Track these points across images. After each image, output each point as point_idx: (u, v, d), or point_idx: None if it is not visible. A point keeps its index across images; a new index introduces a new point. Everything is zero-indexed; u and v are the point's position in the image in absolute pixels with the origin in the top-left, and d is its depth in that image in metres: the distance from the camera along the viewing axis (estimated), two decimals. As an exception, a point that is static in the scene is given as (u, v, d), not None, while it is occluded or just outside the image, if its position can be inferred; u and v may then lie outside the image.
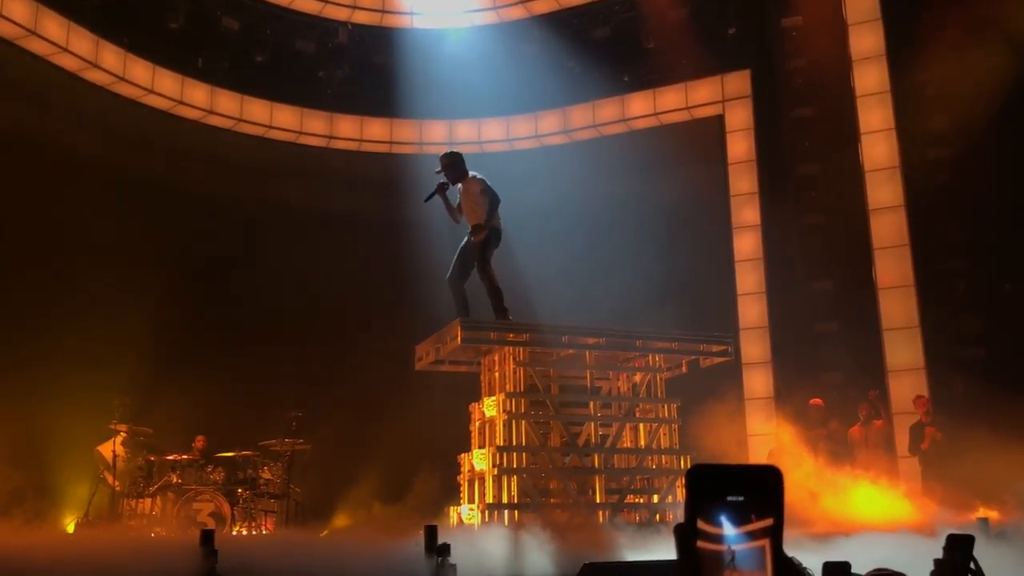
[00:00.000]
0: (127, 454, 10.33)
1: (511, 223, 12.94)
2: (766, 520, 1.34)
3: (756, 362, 12.78)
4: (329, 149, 15.04)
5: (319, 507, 11.31)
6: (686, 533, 1.33)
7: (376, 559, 5.32)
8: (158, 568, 4.88)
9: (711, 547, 1.32)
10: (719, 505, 1.34)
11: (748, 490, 1.34)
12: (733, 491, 1.34)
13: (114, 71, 12.85)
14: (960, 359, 11.32)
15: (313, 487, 11.30)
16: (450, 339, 7.72)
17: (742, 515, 1.34)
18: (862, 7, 12.56)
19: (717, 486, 1.34)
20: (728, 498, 1.34)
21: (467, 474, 7.97)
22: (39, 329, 10.98)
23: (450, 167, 8.15)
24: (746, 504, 1.34)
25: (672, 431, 7.99)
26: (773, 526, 1.33)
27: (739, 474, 1.35)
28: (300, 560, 5.76)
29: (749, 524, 1.33)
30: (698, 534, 1.33)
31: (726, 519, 1.34)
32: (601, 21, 14.50)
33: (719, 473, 1.35)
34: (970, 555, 2.58)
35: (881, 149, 12.22)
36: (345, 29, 14.76)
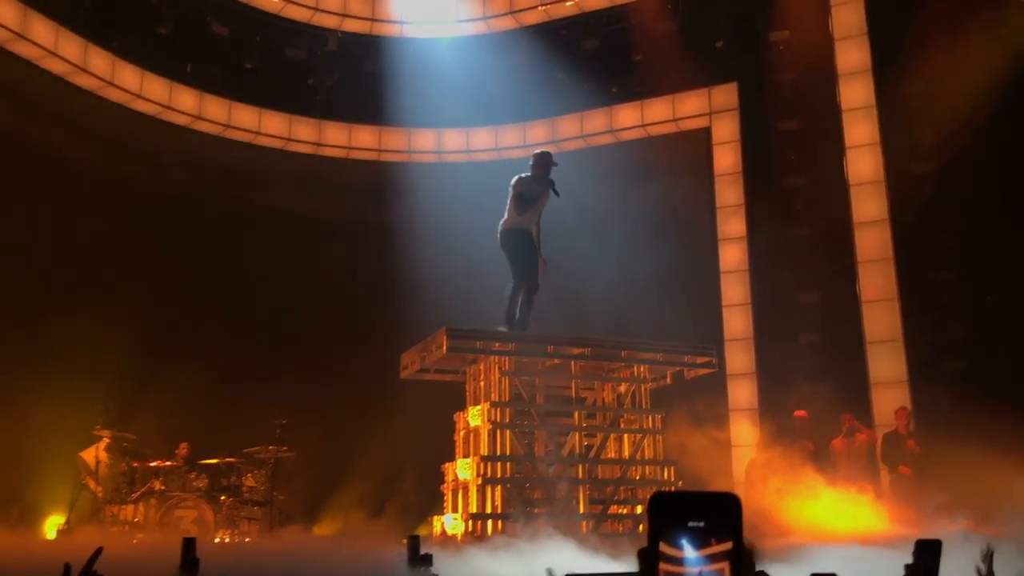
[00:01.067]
0: (110, 460, 10.28)
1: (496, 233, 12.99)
2: (725, 544, 1.38)
3: (741, 373, 12.84)
4: (317, 156, 15.04)
5: (303, 515, 11.28)
6: (649, 556, 1.37)
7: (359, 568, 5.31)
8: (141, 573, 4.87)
9: (673, 569, 1.36)
10: (680, 530, 1.38)
11: (708, 516, 1.39)
12: (694, 517, 1.39)
13: (102, 75, 12.81)
14: (943, 371, 11.41)
15: (297, 495, 11.28)
16: (436, 348, 7.73)
17: (703, 539, 1.38)
18: (848, 22, 12.68)
19: (679, 512, 1.38)
20: (689, 523, 1.39)
21: (451, 483, 7.98)
22: (22, 334, 10.94)
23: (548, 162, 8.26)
24: (706, 529, 1.39)
25: (656, 442, 8.02)
26: (732, 550, 1.38)
27: (700, 501, 1.40)
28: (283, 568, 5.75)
29: (709, 548, 1.38)
30: (660, 557, 1.37)
31: (687, 543, 1.38)
32: (590, 33, 14.57)
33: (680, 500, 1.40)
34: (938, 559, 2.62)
35: (866, 163, 12.33)
36: (335, 37, 14.78)
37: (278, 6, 14.28)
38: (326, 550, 6.15)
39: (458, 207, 13.80)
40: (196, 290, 12.81)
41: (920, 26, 11.82)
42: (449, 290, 12.37)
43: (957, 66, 11.40)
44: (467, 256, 12.97)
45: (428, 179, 14.81)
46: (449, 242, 13.22)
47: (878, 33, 12.45)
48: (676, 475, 8.00)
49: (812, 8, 12.95)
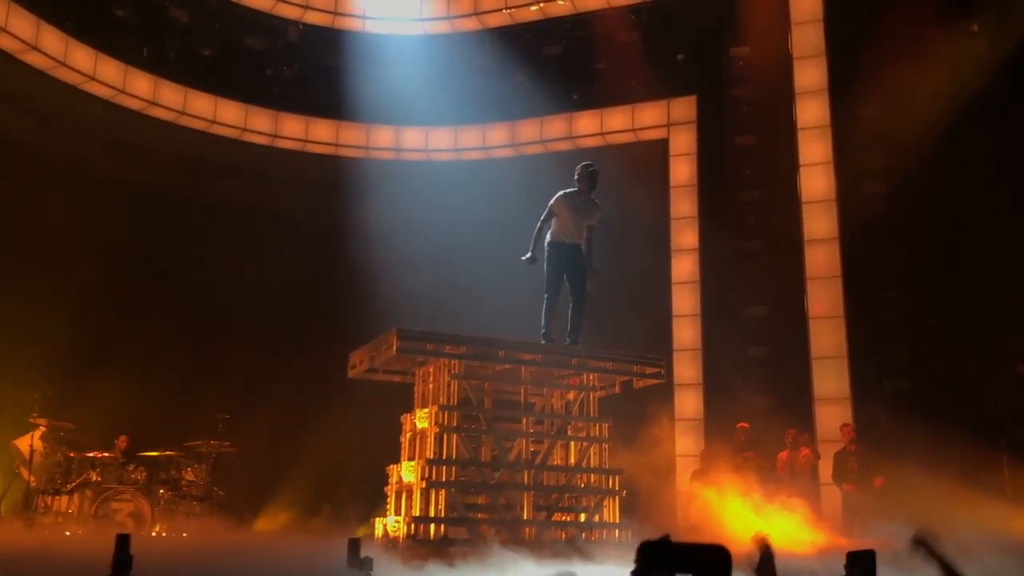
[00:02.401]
0: (45, 449, 10.04)
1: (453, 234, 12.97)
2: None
3: (688, 383, 12.95)
4: (273, 148, 14.85)
5: (243, 511, 11.12)
6: None
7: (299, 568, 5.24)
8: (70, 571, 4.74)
9: None
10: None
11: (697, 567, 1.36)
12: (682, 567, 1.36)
13: (55, 55, 12.51)
14: (885, 390, 11.62)
15: (237, 490, 11.11)
16: (385, 348, 7.64)
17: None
18: (808, 42, 12.86)
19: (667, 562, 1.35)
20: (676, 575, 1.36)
21: (395, 486, 7.90)
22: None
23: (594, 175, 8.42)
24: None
25: (602, 450, 8.02)
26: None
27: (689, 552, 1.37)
28: (221, 567, 5.66)
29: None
30: None
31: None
32: (553, 38, 14.61)
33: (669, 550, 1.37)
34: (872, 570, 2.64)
35: (819, 181, 12.51)
36: (296, 28, 14.63)
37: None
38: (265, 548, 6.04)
39: (415, 205, 13.74)
40: (143, 278, 12.58)
41: (877, 50, 12.04)
42: (402, 289, 12.29)
43: (911, 90, 11.65)
44: (422, 255, 12.94)
45: (385, 176, 14.72)
46: (404, 240, 13.14)
47: (836, 54, 12.66)
48: (621, 484, 8.01)
49: (773, 26, 13.11)
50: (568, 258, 8.14)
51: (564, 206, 8.22)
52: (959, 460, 8.68)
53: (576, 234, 8.21)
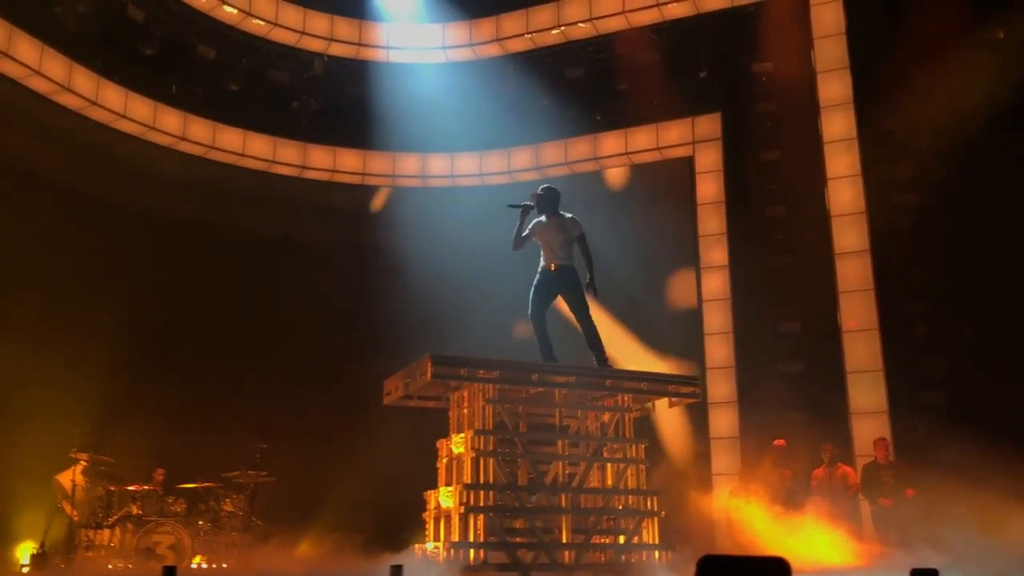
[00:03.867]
0: (87, 483, 10.14)
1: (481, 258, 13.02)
2: None
3: (722, 401, 12.87)
4: (302, 179, 15.02)
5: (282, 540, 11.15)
6: None
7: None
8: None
9: None
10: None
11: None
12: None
13: (86, 95, 12.76)
14: (922, 403, 11.48)
15: (276, 520, 11.16)
16: (420, 374, 7.69)
17: None
18: (830, 56, 12.84)
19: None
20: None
21: (433, 511, 7.91)
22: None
23: (546, 199, 8.18)
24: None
25: (639, 471, 7.99)
26: None
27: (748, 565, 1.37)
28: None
29: None
30: None
31: None
32: (575, 61, 14.69)
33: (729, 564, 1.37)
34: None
35: (847, 194, 12.45)
36: (321, 61, 14.83)
37: (265, 29, 14.30)
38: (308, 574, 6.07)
39: (442, 231, 13.83)
40: (177, 312, 12.73)
41: (901, 61, 11.99)
42: (433, 315, 12.36)
43: (937, 100, 11.58)
44: (450, 280, 12.99)
45: (412, 203, 14.84)
46: (433, 266, 13.22)
47: (860, 66, 12.62)
48: (659, 505, 7.98)
49: (795, 41, 13.11)
50: (556, 283, 8.09)
51: (539, 233, 8.20)
52: (998, 473, 8.56)
53: (557, 257, 8.10)
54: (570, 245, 8.13)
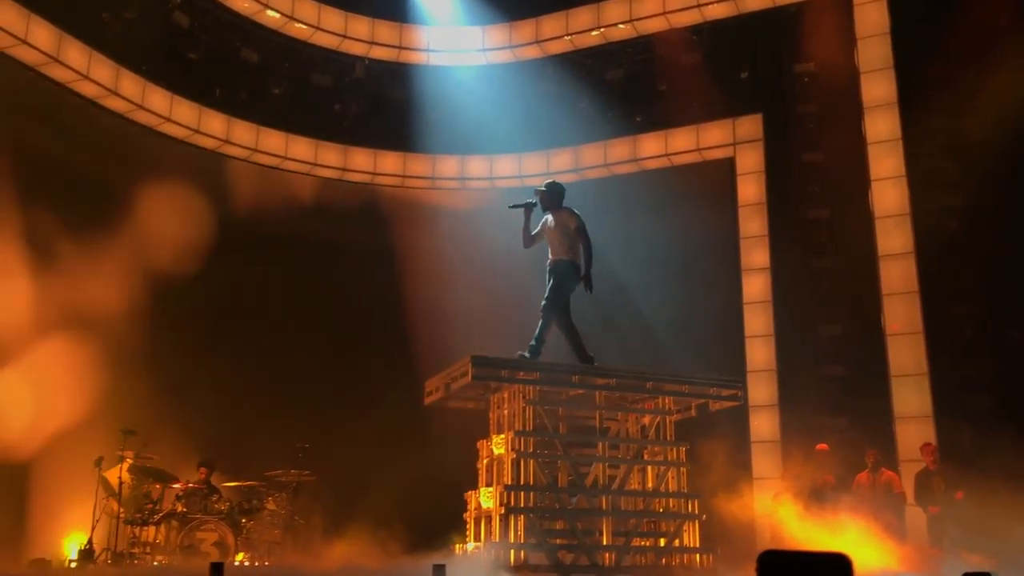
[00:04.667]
0: (132, 481, 10.29)
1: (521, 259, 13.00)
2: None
3: (763, 405, 12.76)
4: (343, 181, 15.15)
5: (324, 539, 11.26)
6: None
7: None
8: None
9: None
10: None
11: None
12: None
13: (133, 99, 12.98)
14: (968, 407, 11.30)
15: (318, 518, 11.27)
16: (460, 375, 7.73)
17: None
18: (874, 55, 12.69)
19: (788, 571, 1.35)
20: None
21: (473, 512, 7.96)
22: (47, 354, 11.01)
23: (548, 195, 8.17)
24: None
25: (680, 474, 7.97)
26: None
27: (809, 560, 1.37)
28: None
29: None
30: None
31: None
32: (615, 63, 14.66)
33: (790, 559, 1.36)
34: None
35: (891, 195, 12.30)
36: (362, 64, 14.96)
37: (307, 33, 14.47)
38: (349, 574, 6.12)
39: (481, 233, 13.86)
40: (220, 313, 12.90)
41: (947, 60, 11.84)
42: (473, 317, 12.40)
43: (983, 100, 11.40)
44: (490, 282, 13.03)
45: (452, 205, 14.91)
46: (473, 268, 13.27)
47: (904, 66, 12.46)
48: (700, 508, 7.95)
49: (838, 41, 12.98)
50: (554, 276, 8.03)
51: (545, 231, 8.19)
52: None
53: (555, 253, 8.08)
54: (571, 239, 8.04)
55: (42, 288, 11.39)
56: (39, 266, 11.42)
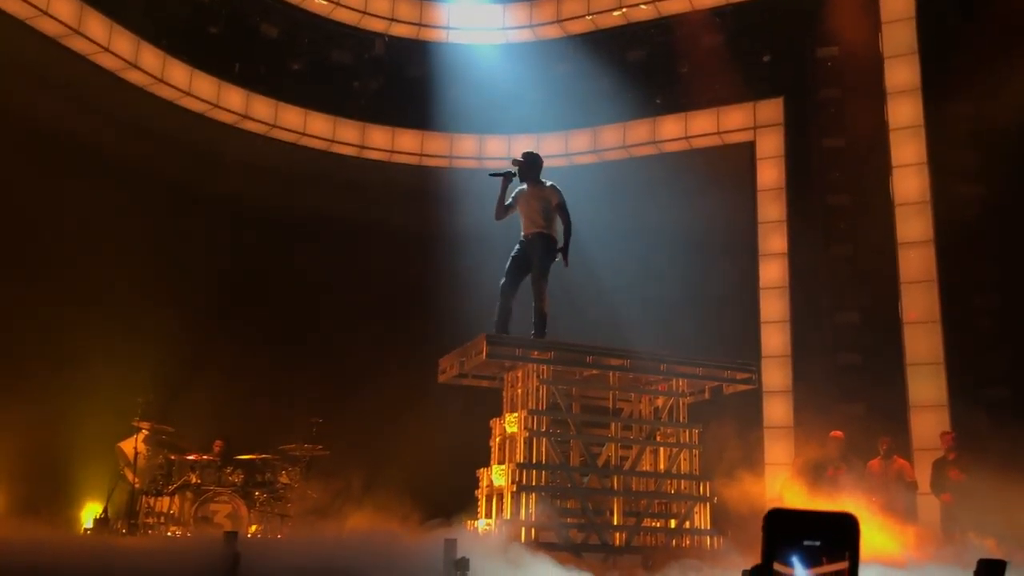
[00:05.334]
0: (148, 452, 10.40)
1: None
2: (839, 564, 1.35)
3: (777, 390, 12.73)
4: (360, 158, 15.14)
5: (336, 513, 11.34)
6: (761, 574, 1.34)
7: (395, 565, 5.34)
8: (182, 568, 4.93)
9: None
10: (794, 548, 1.35)
11: (824, 535, 1.35)
12: (810, 535, 1.35)
13: (153, 72, 13.01)
14: (985, 397, 11.23)
15: (330, 492, 11.33)
16: (475, 353, 7.76)
17: (815, 558, 1.34)
18: (899, 40, 12.55)
19: (794, 530, 1.34)
20: (805, 542, 1.35)
21: (485, 489, 7.99)
22: (65, 326, 11.10)
23: (527, 165, 8.09)
24: (820, 548, 1.35)
25: (692, 456, 7.98)
26: (846, 570, 1.34)
27: (816, 519, 1.36)
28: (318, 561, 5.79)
29: (820, 567, 1.34)
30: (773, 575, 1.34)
31: (799, 562, 1.34)
32: (636, 43, 14.55)
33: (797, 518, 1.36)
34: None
35: (912, 183, 12.19)
36: (382, 41, 14.91)
37: (327, 9, 14.43)
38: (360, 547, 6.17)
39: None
40: (238, 287, 12.95)
41: (971, 47, 11.68)
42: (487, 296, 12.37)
43: (1008, 88, 11.25)
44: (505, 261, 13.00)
45: (469, 184, 14.86)
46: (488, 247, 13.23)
47: (929, 52, 12.32)
48: (711, 491, 7.95)
49: (862, 25, 12.84)
50: (527, 252, 7.98)
51: (520, 202, 8.13)
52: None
53: (533, 225, 8.01)
54: (549, 213, 7.98)
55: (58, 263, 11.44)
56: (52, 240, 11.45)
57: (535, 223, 7.99)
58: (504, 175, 8.06)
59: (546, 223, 7.96)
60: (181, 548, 7.46)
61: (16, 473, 10.65)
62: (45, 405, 10.58)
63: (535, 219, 7.98)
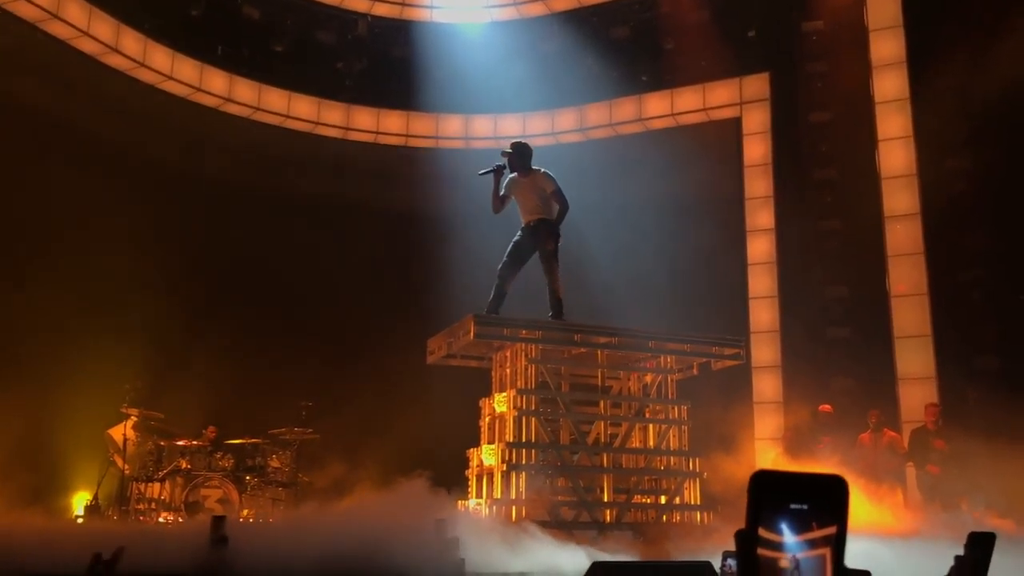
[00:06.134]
0: (137, 438, 10.39)
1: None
2: (828, 529, 1.32)
3: (766, 366, 12.77)
4: (346, 140, 15.05)
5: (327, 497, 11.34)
6: (748, 540, 1.31)
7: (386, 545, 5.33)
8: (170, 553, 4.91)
9: (771, 554, 1.30)
10: (781, 512, 1.32)
11: (812, 499, 1.32)
12: (797, 499, 1.32)
13: (134, 56, 12.87)
14: (972, 369, 11.29)
15: (321, 476, 11.34)
16: (463, 334, 7.74)
17: (803, 523, 1.31)
18: (884, 13, 12.52)
19: (781, 493, 1.31)
20: (791, 506, 1.32)
21: (475, 469, 8.00)
22: (54, 312, 11.04)
23: (517, 156, 8.06)
24: (808, 512, 1.32)
25: (682, 432, 7.99)
26: (835, 535, 1.32)
27: (804, 482, 1.33)
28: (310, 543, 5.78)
29: (810, 532, 1.31)
30: (759, 541, 1.31)
31: (787, 527, 1.31)
32: (621, 20, 14.47)
33: (784, 480, 1.33)
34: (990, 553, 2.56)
35: (898, 156, 12.20)
36: (365, 21, 14.78)
37: (309, -11, 14.29)
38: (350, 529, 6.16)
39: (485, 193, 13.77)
40: (224, 272, 12.89)
41: (957, 19, 11.68)
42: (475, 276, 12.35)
43: (994, 61, 11.25)
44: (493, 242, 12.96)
45: (455, 165, 14.79)
46: (476, 228, 13.19)
47: (914, 25, 12.30)
48: (701, 466, 7.98)
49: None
50: (529, 240, 7.98)
51: (514, 191, 8.10)
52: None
53: (531, 212, 8.01)
54: (545, 200, 7.98)
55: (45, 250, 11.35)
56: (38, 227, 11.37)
57: (533, 211, 8.01)
58: (494, 170, 8.02)
59: (544, 209, 7.97)
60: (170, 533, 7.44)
61: (5, 461, 10.60)
62: (33, 392, 10.51)
63: (533, 207, 8.01)
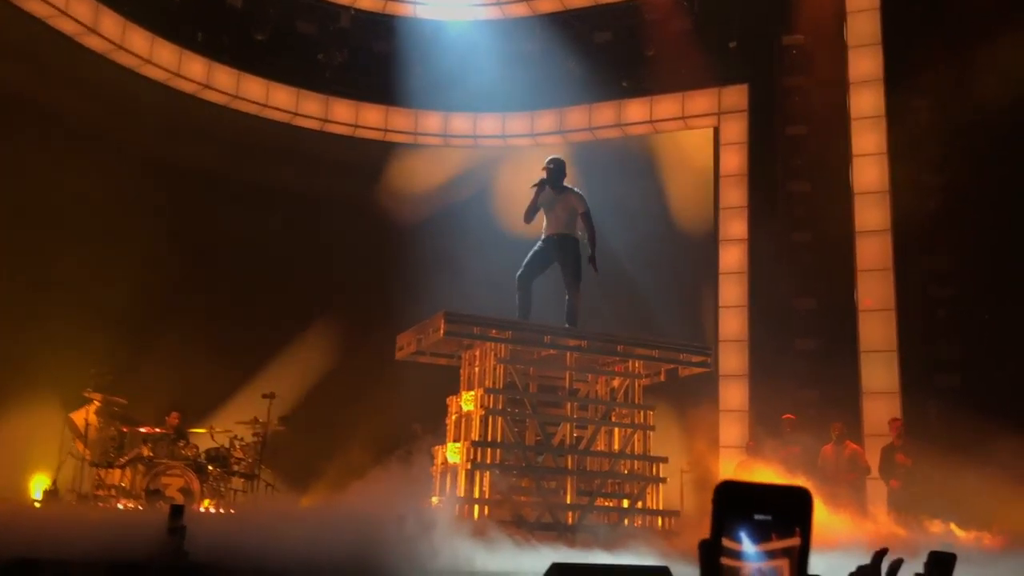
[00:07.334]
0: (100, 423, 10.26)
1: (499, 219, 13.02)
2: (788, 540, 1.33)
3: (733, 374, 12.85)
4: (323, 132, 14.96)
5: (289, 489, 11.29)
6: (711, 549, 1.32)
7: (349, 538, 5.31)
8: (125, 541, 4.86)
9: (732, 563, 1.31)
10: (744, 523, 1.33)
11: (775, 510, 1.33)
12: (760, 509, 1.33)
13: (113, 38, 12.73)
14: (936, 385, 11.44)
15: (284, 468, 11.28)
16: (432, 331, 7.73)
17: (764, 534, 1.32)
18: (863, 31, 12.65)
19: (745, 504, 1.32)
20: (755, 516, 1.33)
21: (440, 466, 7.99)
22: (17, 294, 10.90)
23: (556, 172, 8.33)
24: (771, 524, 1.33)
25: (646, 437, 8.03)
26: (796, 547, 1.33)
27: (768, 493, 1.34)
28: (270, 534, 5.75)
29: (769, 543, 1.32)
30: (722, 551, 1.32)
31: (746, 536, 1.32)
32: (603, 25, 14.52)
33: (748, 491, 1.34)
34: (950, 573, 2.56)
35: (872, 172, 12.33)
36: (348, 13, 14.71)
37: (293, -21, 14.21)
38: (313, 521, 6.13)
39: (462, 191, 13.79)
40: (193, 259, 12.77)
41: (934, 39, 11.83)
42: (448, 274, 12.36)
43: (969, 81, 11.41)
44: (467, 240, 12.98)
45: (433, 162, 14.79)
46: (450, 225, 13.21)
47: (892, 43, 12.43)
48: (664, 472, 8.01)
49: (828, 14, 12.92)
50: (554, 251, 8.26)
51: (546, 204, 8.35)
52: (1010, 456, 8.53)
53: (561, 226, 8.27)
54: (574, 218, 8.27)
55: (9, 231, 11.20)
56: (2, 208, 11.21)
57: (561, 226, 8.29)
58: (539, 185, 8.29)
59: (570, 226, 8.28)
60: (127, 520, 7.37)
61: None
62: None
63: (560, 222, 8.29)
